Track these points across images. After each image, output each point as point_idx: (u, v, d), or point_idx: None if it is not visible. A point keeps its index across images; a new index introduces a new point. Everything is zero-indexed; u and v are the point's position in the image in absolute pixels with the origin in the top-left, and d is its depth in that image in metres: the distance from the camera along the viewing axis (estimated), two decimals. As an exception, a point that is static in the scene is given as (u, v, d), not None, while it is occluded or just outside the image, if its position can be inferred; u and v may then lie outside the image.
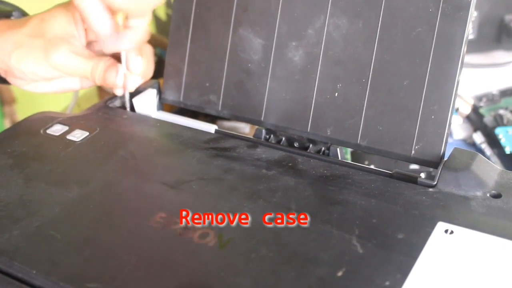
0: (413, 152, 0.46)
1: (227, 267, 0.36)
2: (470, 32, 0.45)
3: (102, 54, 0.56)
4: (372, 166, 0.51)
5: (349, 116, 0.48)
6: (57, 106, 0.85)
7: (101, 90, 0.96)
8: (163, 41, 0.84)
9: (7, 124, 1.24)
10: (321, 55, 0.49)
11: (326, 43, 0.49)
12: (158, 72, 0.83)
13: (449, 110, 0.45)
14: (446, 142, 0.45)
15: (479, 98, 0.68)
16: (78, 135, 0.51)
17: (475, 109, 0.67)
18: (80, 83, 0.58)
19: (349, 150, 0.59)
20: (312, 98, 0.50)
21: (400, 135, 0.46)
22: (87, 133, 0.51)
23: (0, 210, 0.42)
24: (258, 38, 0.52)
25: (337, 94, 0.49)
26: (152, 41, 0.60)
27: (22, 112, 1.24)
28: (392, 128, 0.47)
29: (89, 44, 0.56)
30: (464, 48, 0.44)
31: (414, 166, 0.59)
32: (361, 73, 0.48)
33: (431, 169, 0.57)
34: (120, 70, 0.54)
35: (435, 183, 0.42)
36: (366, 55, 0.48)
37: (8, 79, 0.57)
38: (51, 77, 0.55)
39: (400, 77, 0.46)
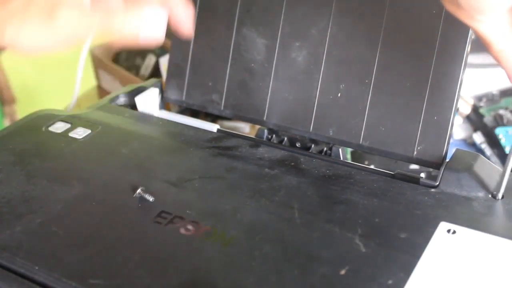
0: (415, 153, 0.46)
1: (230, 264, 0.36)
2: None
3: None
4: (372, 166, 0.51)
5: (351, 116, 0.48)
6: (57, 105, 0.84)
7: (101, 89, 0.96)
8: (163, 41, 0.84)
9: (7, 124, 1.24)
10: (324, 56, 0.49)
11: (330, 43, 0.49)
12: (160, 71, 0.83)
13: (451, 111, 0.45)
14: (449, 143, 0.45)
15: (479, 98, 0.68)
16: (80, 133, 0.51)
17: (475, 109, 0.67)
18: None
19: (349, 150, 0.59)
20: (315, 99, 0.50)
21: (403, 136, 0.47)
22: (89, 131, 0.51)
23: (3, 207, 0.42)
24: (261, 38, 0.52)
25: (340, 95, 0.49)
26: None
27: (22, 112, 1.24)
28: (394, 129, 0.47)
29: None
30: (467, 49, 0.45)
31: (413, 166, 0.59)
32: (364, 73, 0.48)
33: (431, 170, 0.57)
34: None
35: (438, 183, 0.43)
36: (369, 56, 0.48)
37: None
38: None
39: (403, 78, 0.46)
